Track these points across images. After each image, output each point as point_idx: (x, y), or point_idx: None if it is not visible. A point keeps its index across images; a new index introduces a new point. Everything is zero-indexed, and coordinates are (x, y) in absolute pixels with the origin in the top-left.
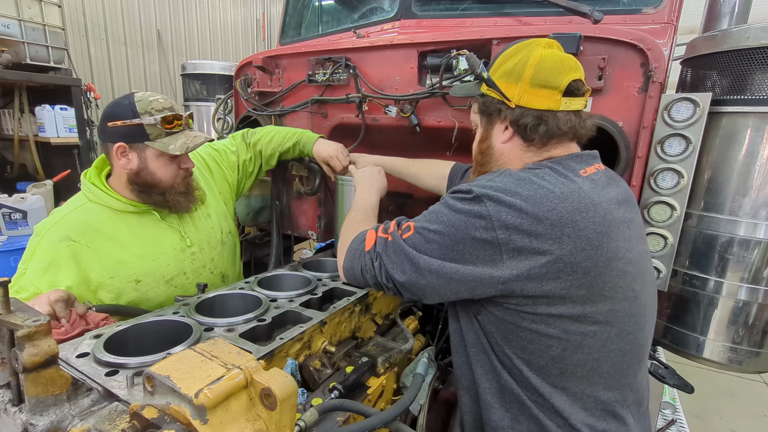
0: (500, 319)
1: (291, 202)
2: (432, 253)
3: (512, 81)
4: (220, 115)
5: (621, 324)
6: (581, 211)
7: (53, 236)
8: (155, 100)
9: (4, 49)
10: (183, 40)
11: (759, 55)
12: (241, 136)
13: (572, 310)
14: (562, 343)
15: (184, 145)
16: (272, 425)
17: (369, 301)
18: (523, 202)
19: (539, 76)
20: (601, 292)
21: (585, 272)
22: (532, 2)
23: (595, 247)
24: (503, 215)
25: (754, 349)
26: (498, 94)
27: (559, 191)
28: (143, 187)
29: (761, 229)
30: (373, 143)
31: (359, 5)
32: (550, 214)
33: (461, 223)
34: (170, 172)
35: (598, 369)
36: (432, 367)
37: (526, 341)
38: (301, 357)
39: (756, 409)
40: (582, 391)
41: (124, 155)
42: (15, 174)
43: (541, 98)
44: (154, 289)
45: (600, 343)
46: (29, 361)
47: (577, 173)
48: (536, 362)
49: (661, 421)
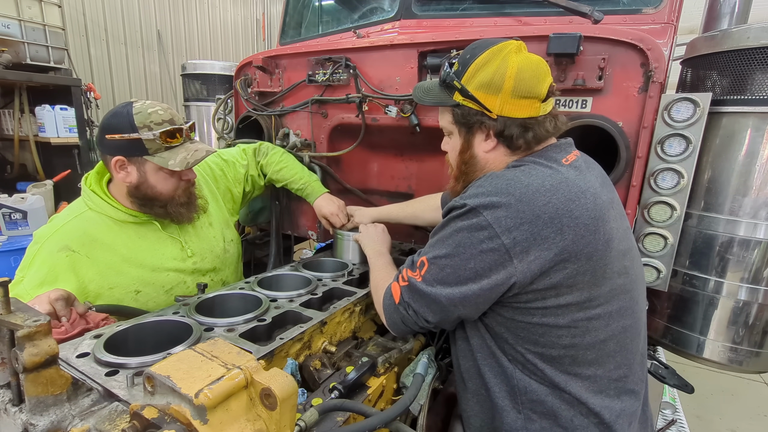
0: (509, 320)
1: (291, 202)
2: (449, 280)
3: (492, 92)
4: (220, 115)
5: (619, 301)
6: (573, 200)
7: (52, 245)
8: (154, 111)
9: (4, 49)
10: (183, 40)
11: (759, 55)
12: (252, 151)
13: (579, 297)
14: (572, 331)
15: (185, 160)
16: (272, 425)
17: (369, 301)
18: (518, 203)
19: (520, 87)
20: (602, 275)
21: (588, 258)
22: (532, 2)
23: (592, 232)
24: (502, 220)
25: (754, 349)
26: (477, 105)
27: (548, 184)
28: (144, 200)
29: (761, 229)
30: (373, 143)
31: (359, 5)
32: (546, 208)
33: (465, 240)
34: (171, 185)
35: (606, 349)
36: (432, 367)
37: (538, 335)
38: (301, 357)
39: (756, 409)
40: (594, 373)
41: (123, 168)
42: (15, 174)
43: (522, 108)
44: (154, 299)
45: (604, 324)
46: (29, 361)
47: (560, 162)
48: (549, 354)
49: (661, 421)
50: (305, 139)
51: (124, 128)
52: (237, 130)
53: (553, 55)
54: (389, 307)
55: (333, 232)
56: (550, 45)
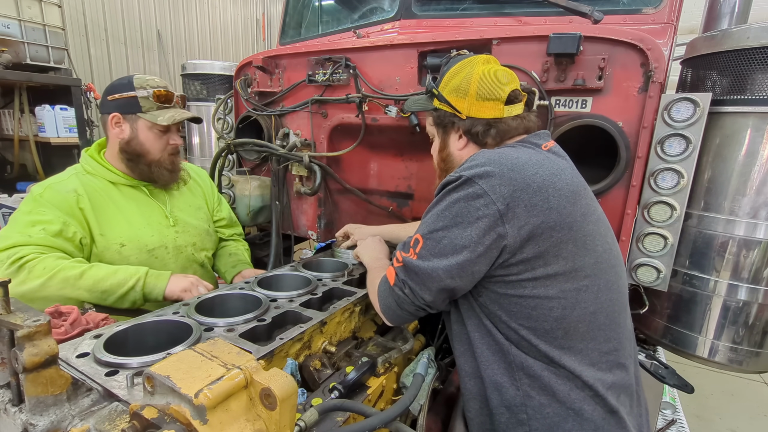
0: (502, 295)
1: (291, 202)
2: (446, 251)
3: (460, 96)
4: (220, 115)
5: (606, 275)
6: (556, 174)
7: (60, 187)
8: (152, 79)
9: (4, 49)
10: (183, 40)
11: (759, 55)
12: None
13: (565, 266)
14: (561, 302)
15: (172, 117)
16: (272, 425)
17: (369, 301)
18: (510, 171)
19: (483, 90)
20: (584, 245)
21: (569, 227)
22: (532, 2)
23: (572, 203)
24: (497, 188)
25: (754, 349)
26: (449, 108)
27: (535, 159)
28: (132, 155)
29: (761, 229)
30: (373, 143)
31: (359, 5)
32: (535, 178)
33: (463, 209)
34: (158, 145)
35: (596, 321)
36: (432, 367)
37: (530, 308)
38: (301, 357)
39: (756, 409)
40: (586, 346)
41: (118, 125)
42: (15, 174)
43: (487, 109)
44: (136, 256)
45: (593, 296)
46: (29, 361)
47: (540, 147)
48: (542, 327)
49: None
50: (305, 139)
51: (124, 89)
52: (237, 130)
53: (553, 55)
54: (384, 292)
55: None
56: (550, 45)
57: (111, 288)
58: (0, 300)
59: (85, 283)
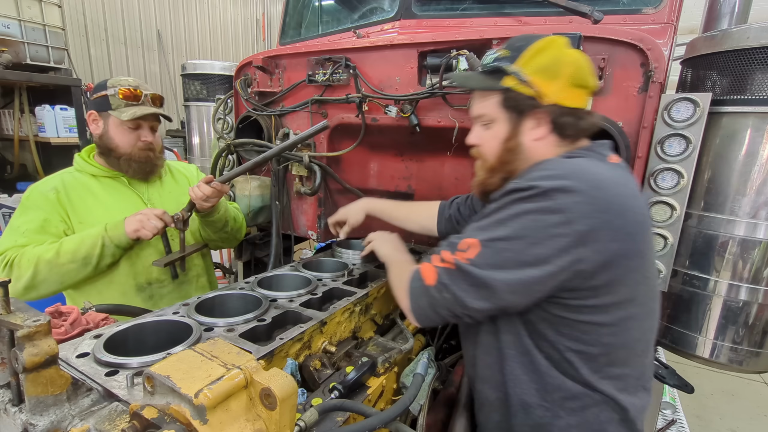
0: (556, 316)
1: (291, 202)
2: (507, 264)
3: (549, 77)
4: (220, 115)
5: (651, 303)
6: (635, 196)
7: (42, 188)
8: (125, 79)
9: (4, 49)
10: (183, 40)
11: (759, 55)
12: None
13: (626, 294)
14: (613, 329)
15: (133, 113)
16: (272, 425)
17: (369, 301)
18: (592, 189)
19: (579, 76)
20: (645, 274)
21: (641, 256)
22: (532, 2)
23: (646, 229)
24: (579, 206)
25: (754, 349)
26: (531, 90)
27: (614, 176)
28: (104, 149)
29: (761, 229)
30: (373, 143)
31: (359, 5)
32: (617, 200)
33: (533, 223)
34: (127, 140)
35: (636, 349)
36: (432, 367)
37: (581, 332)
38: (301, 357)
39: (756, 409)
40: (622, 372)
41: (95, 122)
42: (15, 174)
43: (576, 97)
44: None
45: (638, 324)
46: (29, 361)
47: (607, 160)
48: (589, 352)
49: (661, 421)
50: None
51: (100, 88)
52: (237, 130)
53: None
54: (417, 290)
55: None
56: None
57: (88, 254)
58: (0, 300)
59: (65, 259)
